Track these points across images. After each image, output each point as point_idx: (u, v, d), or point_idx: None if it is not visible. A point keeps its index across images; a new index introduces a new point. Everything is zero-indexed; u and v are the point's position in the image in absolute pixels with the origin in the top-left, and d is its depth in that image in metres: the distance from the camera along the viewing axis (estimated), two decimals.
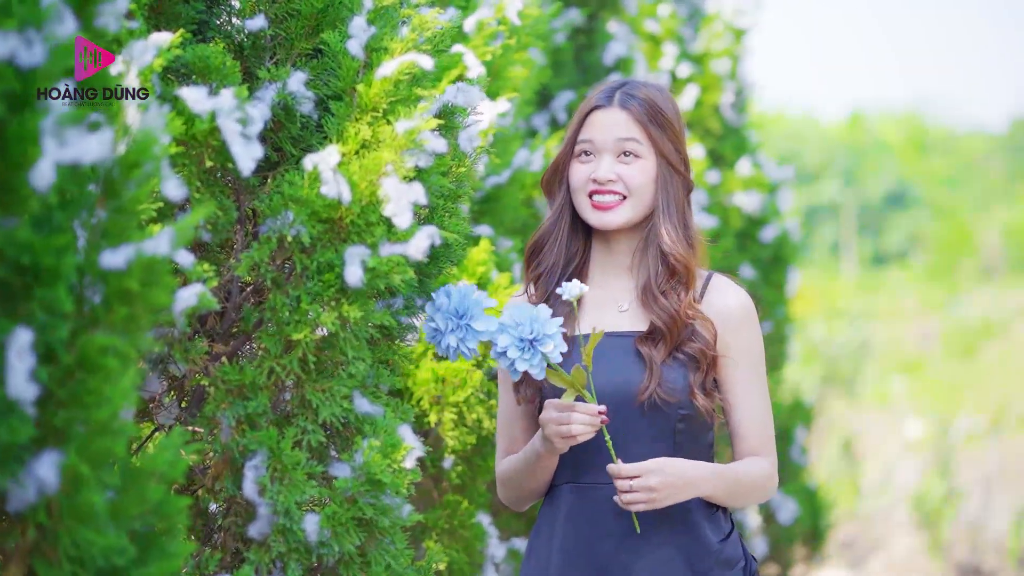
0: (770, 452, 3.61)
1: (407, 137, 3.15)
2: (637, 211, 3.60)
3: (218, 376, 3.12)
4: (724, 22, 9.02)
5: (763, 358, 3.64)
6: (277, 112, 3.24)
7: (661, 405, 3.49)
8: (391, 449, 3.16)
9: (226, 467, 3.15)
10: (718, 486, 3.50)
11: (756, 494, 3.60)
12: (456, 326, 3.32)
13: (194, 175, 3.05)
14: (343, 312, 3.13)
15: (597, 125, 3.63)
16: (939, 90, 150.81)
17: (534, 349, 3.28)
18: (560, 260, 3.67)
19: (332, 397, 3.18)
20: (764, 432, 3.59)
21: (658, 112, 3.61)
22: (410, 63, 3.19)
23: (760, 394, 3.60)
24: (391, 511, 3.19)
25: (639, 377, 3.50)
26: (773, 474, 3.61)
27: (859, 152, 41.54)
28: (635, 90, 3.64)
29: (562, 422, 3.40)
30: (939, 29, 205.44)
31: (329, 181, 3.09)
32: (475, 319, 3.32)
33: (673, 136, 3.61)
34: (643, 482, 3.40)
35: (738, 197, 8.68)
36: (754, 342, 3.61)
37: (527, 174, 4.93)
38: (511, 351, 3.28)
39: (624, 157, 3.59)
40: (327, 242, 3.14)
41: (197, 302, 2.93)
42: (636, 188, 3.58)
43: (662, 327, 3.53)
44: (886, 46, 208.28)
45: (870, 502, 13.85)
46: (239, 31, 3.31)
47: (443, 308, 3.33)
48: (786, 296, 9.15)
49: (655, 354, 3.50)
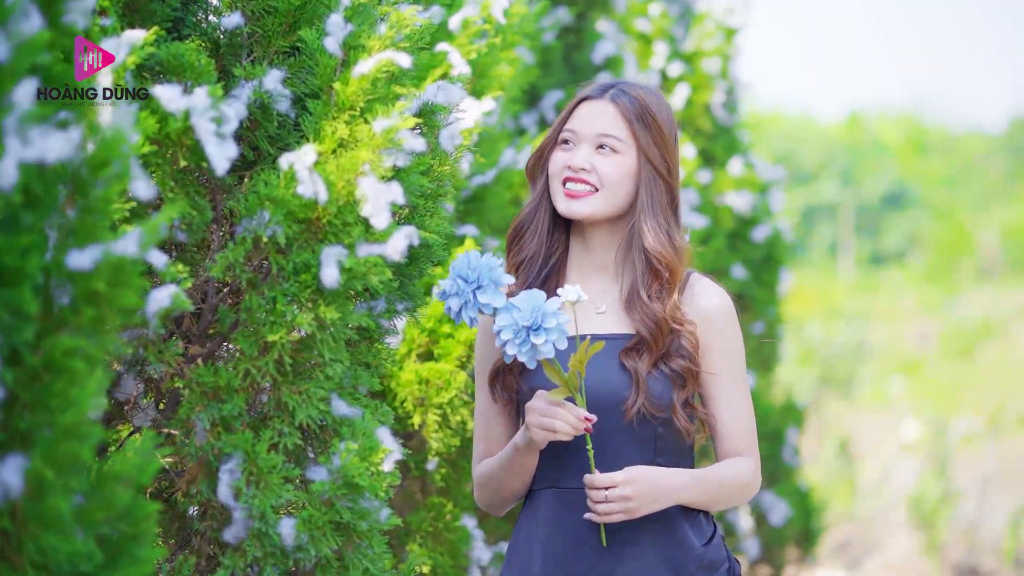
0: (752, 451, 3.58)
1: (385, 136, 3.11)
2: (608, 205, 3.55)
3: (192, 378, 3.08)
4: (715, 21, 8.98)
5: (744, 358, 3.62)
6: (254, 110, 3.20)
7: (647, 417, 3.47)
8: (369, 452, 3.12)
9: (201, 471, 3.11)
10: (697, 491, 3.48)
11: (739, 495, 3.58)
12: (460, 290, 3.28)
13: (168, 175, 3.01)
14: (320, 313, 3.09)
15: (583, 116, 3.60)
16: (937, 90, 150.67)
17: (527, 337, 3.25)
18: (540, 250, 3.64)
19: (309, 399, 3.14)
20: (746, 432, 3.57)
21: (646, 113, 3.57)
22: (387, 61, 3.15)
23: (742, 394, 3.58)
24: (369, 515, 3.15)
25: (624, 389, 3.47)
26: (756, 473, 3.58)
27: (857, 152, 41.50)
28: (629, 88, 3.61)
29: (547, 414, 3.37)
30: (937, 29, 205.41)
31: (305, 180, 3.05)
32: (481, 290, 3.27)
33: (659, 140, 3.57)
34: (618, 492, 3.39)
35: (729, 197, 8.63)
36: (736, 343, 3.59)
37: (514, 173, 4.89)
38: (505, 333, 3.25)
39: (602, 150, 3.56)
40: (303, 242, 3.10)
41: (171, 303, 2.90)
42: (609, 182, 3.54)
43: (647, 336, 3.50)
44: (885, 46, 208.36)
45: (867, 503, 13.81)
46: (215, 28, 3.27)
47: (456, 270, 3.29)
48: (778, 297, 9.11)
49: (640, 366, 3.48)
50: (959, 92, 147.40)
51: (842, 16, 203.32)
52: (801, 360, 18.81)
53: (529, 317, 3.23)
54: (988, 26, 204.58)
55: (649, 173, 3.56)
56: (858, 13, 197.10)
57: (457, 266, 3.29)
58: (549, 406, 3.38)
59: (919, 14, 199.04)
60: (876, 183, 39.44)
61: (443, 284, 3.30)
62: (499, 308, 3.27)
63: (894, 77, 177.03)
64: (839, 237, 36.25)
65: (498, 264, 3.30)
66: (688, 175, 7.78)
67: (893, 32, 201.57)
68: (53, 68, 2.51)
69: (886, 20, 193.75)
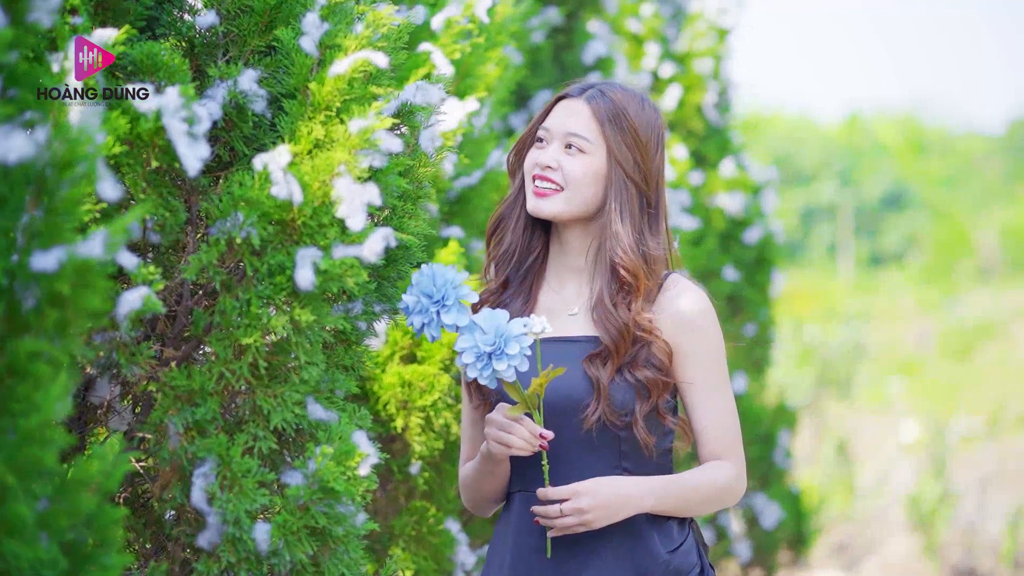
0: (733, 455, 3.53)
1: (361, 136, 3.07)
2: (572, 205, 3.52)
3: (165, 381, 3.04)
4: (707, 21, 8.93)
5: (723, 359, 3.56)
6: (229, 111, 3.16)
7: (608, 425, 3.44)
8: (345, 456, 3.08)
9: (175, 475, 3.07)
10: (664, 499, 3.45)
11: (719, 500, 3.53)
12: (423, 308, 3.27)
13: (140, 175, 2.97)
14: (295, 316, 3.05)
15: (558, 114, 3.58)
16: (937, 91, 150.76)
17: (489, 362, 3.24)
18: (516, 247, 3.64)
19: (284, 403, 3.10)
20: (726, 435, 3.52)
21: (621, 115, 3.53)
22: (364, 61, 3.11)
23: (720, 396, 3.53)
24: (345, 519, 3.11)
25: (585, 395, 3.45)
26: (739, 477, 3.53)
27: (856, 153, 41.45)
28: (609, 90, 3.57)
29: (504, 428, 3.38)
30: (937, 30, 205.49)
31: (280, 182, 3.01)
32: (446, 309, 3.26)
33: (633, 144, 3.53)
34: (572, 504, 3.38)
35: (721, 198, 8.59)
36: (712, 345, 3.53)
37: (500, 175, 4.84)
38: (467, 355, 3.24)
39: (569, 149, 3.53)
40: (278, 244, 3.06)
41: (142, 305, 2.86)
42: (573, 181, 3.51)
43: (610, 343, 3.46)
44: (884, 47, 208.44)
45: (865, 503, 13.76)
46: (190, 28, 3.23)
47: (420, 286, 3.27)
48: (770, 298, 9.06)
49: (602, 374, 3.45)
50: (958, 93, 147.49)
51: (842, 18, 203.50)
52: (800, 361, 18.75)
53: (492, 341, 3.23)
54: (988, 27, 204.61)
55: (619, 177, 3.52)
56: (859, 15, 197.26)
57: (421, 282, 3.27)
58: (507, 421, 3.38)
59: (919, 15, 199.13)
60: (875, 184, 39.40)
61: (406, 299, 3.29)
62: (462, 327, 3.25)
63: (893, 78, 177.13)
64: (838, 238, 36.20)
65: (463, 279, 3.28)
66: (680, 176, 7.74)
67: (893, 33, 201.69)
68: (18, 67, 2.47)
69: (886, 22, 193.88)
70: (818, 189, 38.27)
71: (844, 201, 36.72)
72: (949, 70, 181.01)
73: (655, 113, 3.61)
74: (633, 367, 3.45)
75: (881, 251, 37.65)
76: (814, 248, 37.00)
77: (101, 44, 2.88)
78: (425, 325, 3.28)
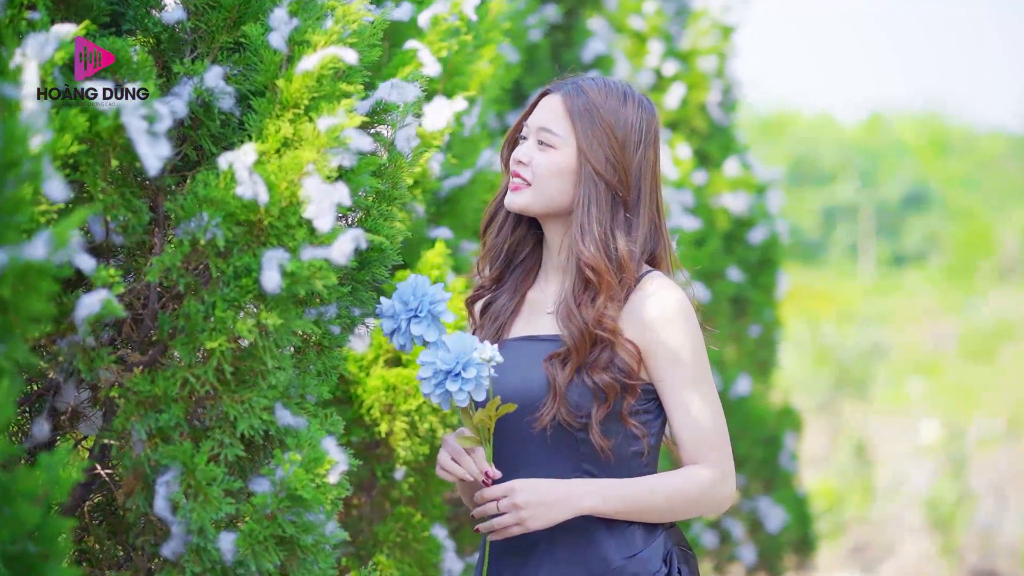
0: (713, 460, 3.40)
1: (329, 135, 2.98)
2: (538, 201, 3.46)
3: (128, 387, 2.96)
4: (711, 19, 8.86)
5: (700, 359, 3.43)
6: (196, 109, 3.08)
7: (564, 426, 3.37)
8: (314, 463, 2.99)
9: (138, 483, 2.99)
10: (609, 499, 3.35)
11: (690, 506, 3.40)
12: (395, 314, 3.26)
13: (99, 175, 2.88)
14: (262, 319, 2.96)
15: (538, 109, 3.54)
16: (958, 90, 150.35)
17: (443, 381, 3.21)
18: (505, 243, 3.59)
19: (251, 409, 3.01)
20: (704, 439, 3.40)
21: (593, 110, 3.45)
22: (333, 57, 3.02)
23: (697, 398, 3.40)
24: (314, 528, 3.02)
25: (541, 395, 3.38)
26: (721, 483, 3.41)
27: (877, 152, 41.31)
28: (588, 84, 3.50)
29: (454, 456, 3.37)
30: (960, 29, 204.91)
31: (245, 181, 2.93)
32: (416, 320, 3.23)
33: (606, 140, 3.44)
34: (508, 500, 3.32)
35: (725, 198, 8.51)
36: (684, 343, 3.41)
37: (492, 174, 4.76)
38: (424, 370, 3.22)
39: (540, 144, 3.48)
40: (244, 245, 2.97)
41: (101, 309, 2.78)
42: (538, 176, 3.46)
43: (570, 344, 3.39)
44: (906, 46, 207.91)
45: (883, 505, 13.71)
46: (156, 23, 3.14)
47: (400, 293, 3.25)
48: (775, 299, 8.97)
49: (559, 375, 3.37)
50: (980, 92, 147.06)
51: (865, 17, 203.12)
52: (816, 361, 18.67)
53: (451, 362, 3.19)
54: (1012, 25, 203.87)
55: (588, 173, 3.44)
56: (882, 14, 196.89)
57: (403, 289, 3.25)
58: (458, 448, 3.36)
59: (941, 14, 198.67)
60: (896, 183, 39.28)
61: (383, 303, 3.27)
62: (429, 343, 3.21)
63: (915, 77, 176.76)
64: (859, 238, 36.10)
65: (444, 299, 3.24)
66: (683, 176, 7.65)
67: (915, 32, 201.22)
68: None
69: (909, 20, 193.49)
70: (838, 189, 38.17)
71: (865, 201, 36.61)
72: (971, 68, 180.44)
73: (641, 109, 3.52)
74: (592, 369, 3.37)
75: (902, 251, 37.53)
76: (834, 248, 36.92)
77: (58, 40, 2.80)
78: (394, 332, 3.26)
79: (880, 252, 36.33)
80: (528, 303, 3.56)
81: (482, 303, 3.62)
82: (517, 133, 3.57)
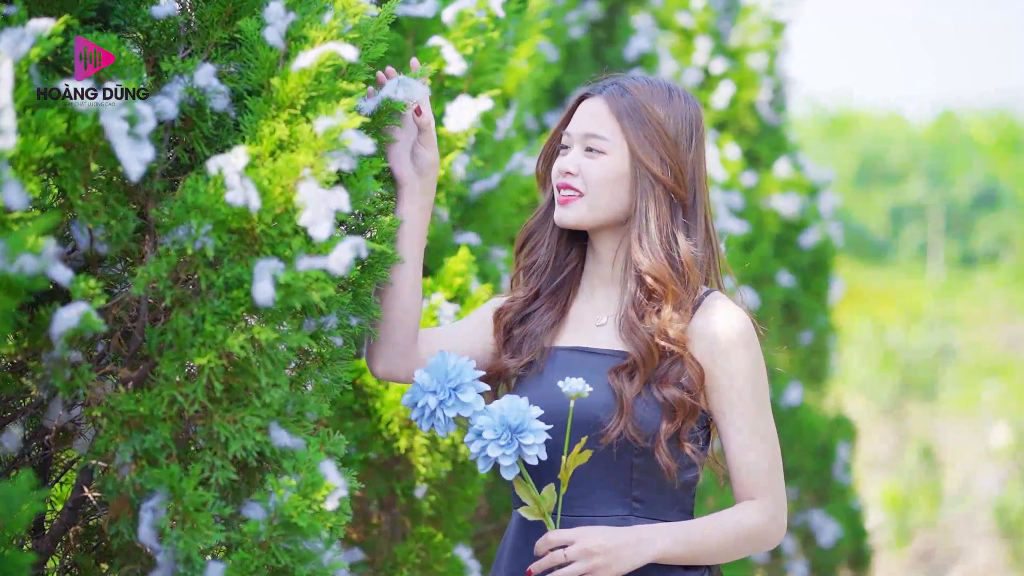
0: (768, 494, 3.19)
1: (327, 136, 2.79)
2: (594, 212, 3.24)
3: (112, 406, 2.77)
4: (761, 15, 8.66)
5: (762, 389, 3.21)
6: (187, 109, 2.89)
7: (630, 442, 3.14)
8: (311, 488, 2.80)
9: (123, 508, 2.80)
10: (679, 541, 3.12)
11: (745, 545, 3.19)
12: (441, 388, 3.03)
13: (79, 180, 2.70)
14: (254, 334, 2.77)
15: (578, 115, 3.31)
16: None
17: (513, 439, 2.99)
18: (550, 261, 3.36)
19: (244, 429, 2.82)
20: (761, 473, 3.18)
21: (640, 108, 3.23)
22: (331, 53, 2.83)
23: (753, 429, 3.18)
24: (312, 557, 2.83)
25: (604, 411, 3.15)
26: (773, 519, 3.19)
27: (946, 151, 40.86)
28: (629, 82, 3.28)
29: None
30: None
31: (235, 186, 2.74)
32: (462, 390, 3.03)
33: (658, 139, 3.22)
34: (579, 547, 3.06)
35: (775, 200, 8.29)
36: (745, 370, 3.18)
37: (523, 178, 4.56)
38: (487, 432, 2.99)
39: (589, 152, 3.25)
40: (236, 255, 2.78)
41: (79, 323, 2.60)
42: (592, 185, 3.23)
43: (637, 357, 3.16)
44: (977, 43, 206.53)
45: (950, 511, 13.51)
46: (147, 18, 2.95)
47: (431, 369, 3.05)
48: (828, 305, 8.76)
49: (627, 389, 3.14)
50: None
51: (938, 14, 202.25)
52: (882, 364, 18.43)
53: (516, 418, 3.01)
54: None
55: (644, 176, 3.22)
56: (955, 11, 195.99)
57: (431, 366, 3.08)
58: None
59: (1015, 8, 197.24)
60: (967, 182, 38.84)
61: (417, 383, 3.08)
62: (478, 409, 3.05)
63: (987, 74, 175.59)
64: (928, 238, 35.72)
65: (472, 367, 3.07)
66: (732, 177, 7.47)
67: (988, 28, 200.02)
68: None
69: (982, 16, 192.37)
70: (907, 188, 37.78)
71: (934, 200, 36.23)
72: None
73: (687, 104, 3.30)
74: (662, 383, 3.15)
75: (972, 251, 37.10)
76: (903, 249, 36.55)
77: (34, 36, 2.62)
78: (440, 405, 3.06)
79: (949, 252, 35.92)
80: (572, 317, 3.34)
81: (514, 317, 3.39)
82: (557, 143, 3.35)
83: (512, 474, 3.01)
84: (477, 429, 3.00)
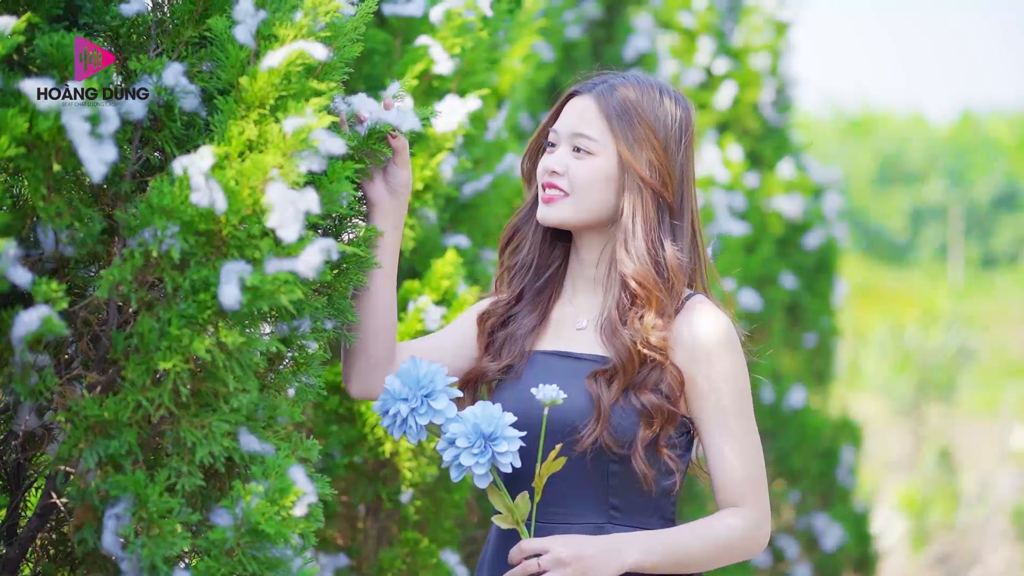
0: (750, 502, 3.13)
1: (296, 137, 2.74)
2: (578, 212, 3.19)
3: (75, 411, 2.72)
4: (765, 15, 8.60)
5: (744, 395, 3.15)
6: (156, 109, 2.84)
7: (604, 450, 3.07)
8: (279, 494, 2.74)
9: (88, 515, 2.75)
10: (652, 550, 3.06)
11: (726, 554, 3.13)
12: (413, 395, 2.97)
13: (41, 181, 2.65)
14: (221, 337, 2.72)
15: (567, 112, 3.26)
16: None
17: (487, 447, 2.93)
18: (534, 260, 3.32)
19: (212, 434, 2.77)
20: (744, 480, 3.13)
21: (631, 109, 3.18)
22: (300, 52, 2.78)
23: (739, 438, 3.13)
24: (280, 565, 2.78)
25: (581, 416, 3.09)
26: (757, 527, 3.14)
27: (967, 151, 40.75)
28: (620, 82, 3.23)
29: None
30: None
31: (200, 188, 2.68)
32: (434, 397, 2.97)
33: (647, 141, 3.17)
34: (551, 557, 3.00)
35: (778, 201, 8.23)
36: (726, 374, 3.14)
37: (515, 179, 4.51)
38: (460, 440, 2.93)
39: (576, 152, 3.20)
40: (203, 257, 2.73)
41: (40, 327, 2.55)
42: (578, 186, 3.18)
43: (617, 362, 3.11)
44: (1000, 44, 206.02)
45: (968, 513, 13.46)
46: (116, 16, 2.90)
47: (402, 376, 2.99)
48: (832, 306, 8.70)
49: (604, 394, 3.09)
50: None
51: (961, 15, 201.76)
52: (899, 366, 18.36)
53: (489, 425, 2.94)
54: None
55: (631, 179, 3.16)
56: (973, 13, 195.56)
57: (402, 372, 3.01)
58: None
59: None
60: (987, 183, 38.73)
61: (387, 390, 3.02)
62: (451, 417, 2.99)
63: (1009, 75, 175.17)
64: (948, 239, 35.62)
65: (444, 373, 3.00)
66: (734, 178, 7.41)
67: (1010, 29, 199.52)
68: None
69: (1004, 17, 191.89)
70: (927, 189, 37.68)
71: (954, 201, 36.12)
72: None
73: (678, 105, 3.26)
74: (640, 390, 3.10)
75: (992, 252, 36.99)
76: (923, 249, 36.47)
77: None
78: (412, 412, 3.00)
79: (969, 253, 35.82)
80: (554, 320, 3.30)
81: (497, 320, 3.34)
82: (543, 140, 3.30)
83: (485, 483, 2.96)
84: (450, 437, 2.95)
